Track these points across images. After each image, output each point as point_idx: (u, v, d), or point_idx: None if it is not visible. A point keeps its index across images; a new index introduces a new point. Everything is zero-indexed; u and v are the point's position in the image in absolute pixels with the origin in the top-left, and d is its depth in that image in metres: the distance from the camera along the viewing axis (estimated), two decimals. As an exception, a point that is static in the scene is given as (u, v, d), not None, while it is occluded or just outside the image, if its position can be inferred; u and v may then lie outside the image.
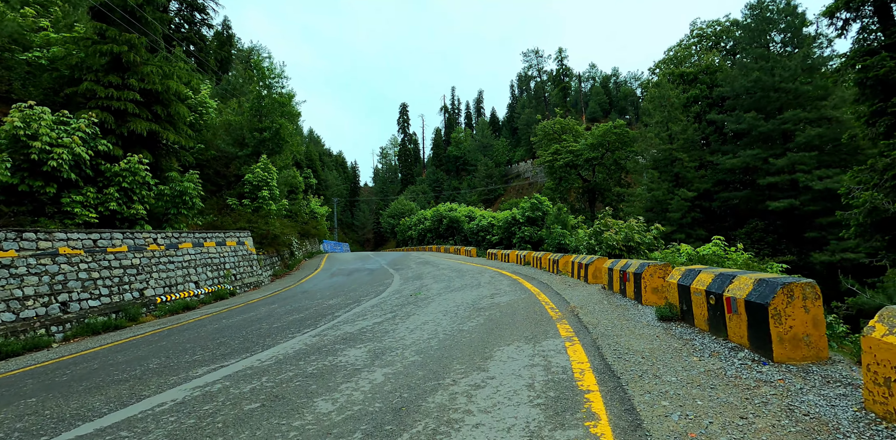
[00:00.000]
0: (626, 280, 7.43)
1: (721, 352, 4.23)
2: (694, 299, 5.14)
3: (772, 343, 3.85)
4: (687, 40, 42.10)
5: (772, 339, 3.85)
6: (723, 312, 4.54)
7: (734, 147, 31.24)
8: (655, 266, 6.84)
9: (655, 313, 5.87)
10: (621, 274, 7.72)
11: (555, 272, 13.34)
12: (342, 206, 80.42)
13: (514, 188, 72.84)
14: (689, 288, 5.21)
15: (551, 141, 50.76)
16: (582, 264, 10.37)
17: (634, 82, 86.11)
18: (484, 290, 10.42)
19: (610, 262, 8.66)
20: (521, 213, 27.03)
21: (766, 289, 3.99)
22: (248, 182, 22.52)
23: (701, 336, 4.82)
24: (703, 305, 4.92)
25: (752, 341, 4.13)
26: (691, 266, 5.72)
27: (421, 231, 44.47)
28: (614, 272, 8.18)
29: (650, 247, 17.72)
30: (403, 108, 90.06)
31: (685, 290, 5.34)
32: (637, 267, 7.17)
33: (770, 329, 3.85)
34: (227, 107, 27.39)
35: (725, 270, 4.89)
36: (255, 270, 18.71)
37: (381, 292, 12.36)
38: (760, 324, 3.98)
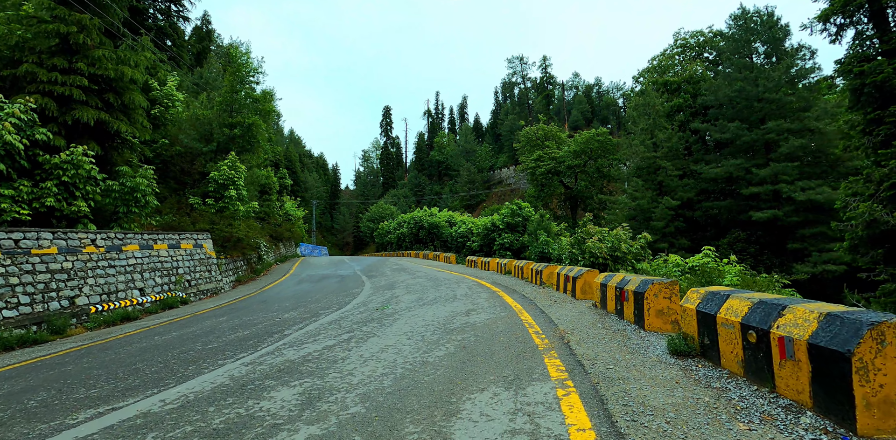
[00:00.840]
0: (625, 299, 6.24)
1: (775, 414, 3.02)
2: (722, 333, 3.95)
3: (855, 408, 2.67)
4: (671, 50, 41.87)
5: (855, 403, 2.67)
6: (768, 355, 3.37)
7: (717, 156, 30.78)
8: (660, 284, 5.66)
9: (667, 346, 4.67)
10: (618, 291, 6.53)
11: (538, 284, 12.15)
12: (321, 209, 78.43)
13: (497, 194, 71.98)
14: (716, 318, 4.03)
15: (534, 147, 50.02)
16: (569, 277, 9.19)
17: (617, 92, 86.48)
18: (459, 305, 9.15)
19: (602, 277, 7.48)
20: (500, 219, 25.90)
21: (841, 329, 2.82)
22: (213, 180, 20.89)
23: (735, 384, 3.62)
24: (736, 342, 3.74)
25: (817, 400, 2.95)
26: (713, 288, 4.54)
27: (400, 236, 43.04)
28: (608, 289, 6.99)
29: (637, 258, 16.73)
30: (387, 110, 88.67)
31: (708, 320, 4.16)
32: (638, 284, 5.98)
33: (853, 387, 2.67)
34: (196, 101, 25.69)
35: (767, 296, 3.72)
36: (214, 276, 17.11)
37: (346, 304, 10.98)
38: (834, 378, 2.81)
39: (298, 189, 72.34)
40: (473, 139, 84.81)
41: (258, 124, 23.56)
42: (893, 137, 13.23)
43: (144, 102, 16.19)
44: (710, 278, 11.82)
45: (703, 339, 4.30)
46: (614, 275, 7.06)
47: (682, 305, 4.65)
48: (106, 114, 14.49)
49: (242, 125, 23.30)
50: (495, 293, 10.66)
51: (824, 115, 27.24)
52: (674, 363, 4.28)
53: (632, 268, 16.13)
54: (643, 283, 5.86)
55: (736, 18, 32.28)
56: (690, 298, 4.61)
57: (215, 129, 22.83)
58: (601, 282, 7.33)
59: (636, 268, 16.02)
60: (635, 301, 5.92)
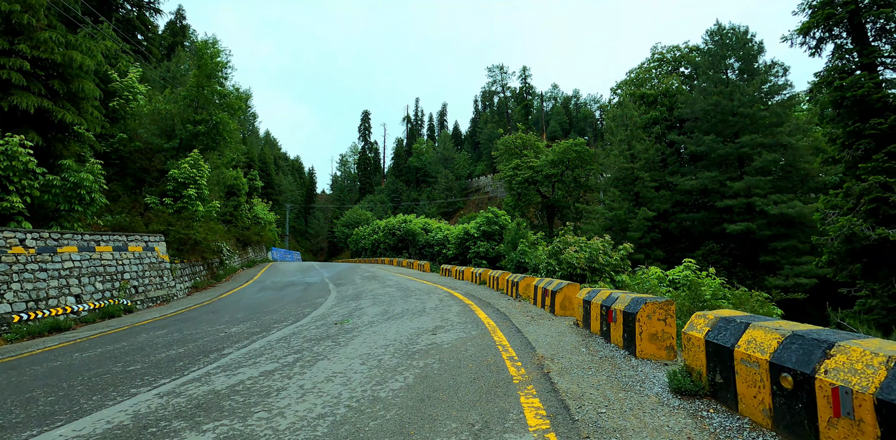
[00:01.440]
0: (612, 320, 5.43)
1: (833, 497, 2.22)
2: (741, 371, 3.16)
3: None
4: (648, 63, 42.20)
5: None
6: (811, 407, 2.57)
7: (692, 169, 30.79)
8: (654, 304, 4.87)
9: (667, 381, 3.86)
10: (604, 310, 5.73)
11: (513, 296, 11.32)
12: (296, 213, 76.44)
13: (474, 202, 71.41)
14: (733, 352, 3.23)
15: (512, 156, 49.65)
16: (547, 291, 8.37)
17: (594, 104, 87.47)
18: (427, 321, 8.22)
19: (585, 293, 6.68)
20: (476, 228, 25.12)
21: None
22: (173, 178, 19.51)
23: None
24: (762, 386, 2.95)
25: (889, 478, 2.17)
26: (724, 313, 3.76)
27: (374, 242, 41.85)
28: (592, 306, 6.19)
29: (616, 269, 16.12)
30: (365, 115, 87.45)
31: (722, 354, 3.36)
32: (628, 303, 5.18)
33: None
34: (160, 95, 24.23)
35: (800, 328, 2.94)
36: (166, 282, 15.75)
37: (304, 316, 9.93)
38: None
39: (272, 192, 70.28)
40: (452, 146, 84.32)
41: (225, 121, 22.26)
42: (873, 151, 12.99)
43: (97, 92, 14.88)
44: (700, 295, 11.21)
45: (713, 376, 3.50)
46: (599, 292, 6.26)
47: (687, 333, 3.85)
48: (49, 102, 13.20)
49: (208, 122, 21.97)
50: (468, 306, 9.77)
51: (796, 131, 27.52)
52: (679, 406, 3.46)
53: (610, 280, 15.50)
54: (634, 303, 5.06)
55: (712, 34, 32.60)
56: (696, 325, 3.81)
57: (178, 125, 21.44)
58: (584, 299, 6.52)
59: (615, 280, 15.40)
60: (625, 323, 5.12)
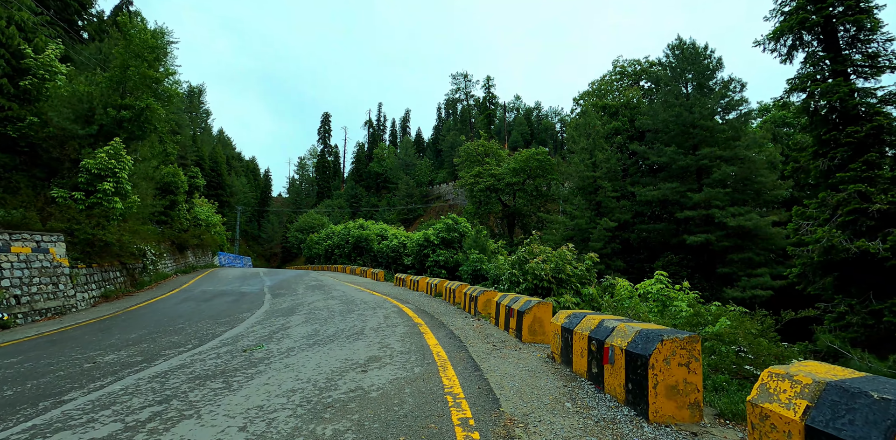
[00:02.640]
0: (608, 361, 3.82)
1: None
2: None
3: None
4: (610, 76, 42.25)
5: None
6: None
7: (653, 180, 30.42)
8: (674, 342, 3.30)
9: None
10: (594, 345, 4.12)
11: (472, 313, 9.64)
12: (248, 216, 72.30)
13: (435, 209, 69.82)
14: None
15: (474, 163, 48.54)
16: (513, 310, 6.72)
17: (555, 117, 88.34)
18: (361, 348, 6.38)
19: (564, 317, 5.06)
20: (434, 234, 23.43)
21: None
22: (86, 169, 16.80)
23: None
24: None
25: None
26: (820, 370, 2.19)
27: (328, 248, 39.35)
28: (576, 338, 4.57)
29: (582, 281, 14.79)
30: (326, 117, 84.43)
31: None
32: (632, 339, 3.58)
33: None
34: (82, 76, 21.29)
35: None
36: (63, 290, 13.11)
37: (211, 338, 7.87)
38: None
39: (222, 193, 66.09)
40: (414, 153, 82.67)
41: (154, 108, 19.61)
42: (850, 160, 12.26)
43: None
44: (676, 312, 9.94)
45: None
46: (584, 317, 4.65)
47: (758, 404, 2.25)
48: None
49: (134, 107, 19.28)
50: (416, 327, 7.99)
51: (753, 145, 27.60)
52: None
53: (576, 293, 14.16)
54: (644, 339, 3.46)
55: (673, 49, 32.64)
56: (775, 388, 2.23)
57: (98, 109, 18.67)
58: (563, 326, 4.89)
59: (581, 292, 14.07)
60: (629, 367, 3.51)
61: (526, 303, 6.46)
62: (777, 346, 6.18)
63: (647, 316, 7.35)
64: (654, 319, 7.23)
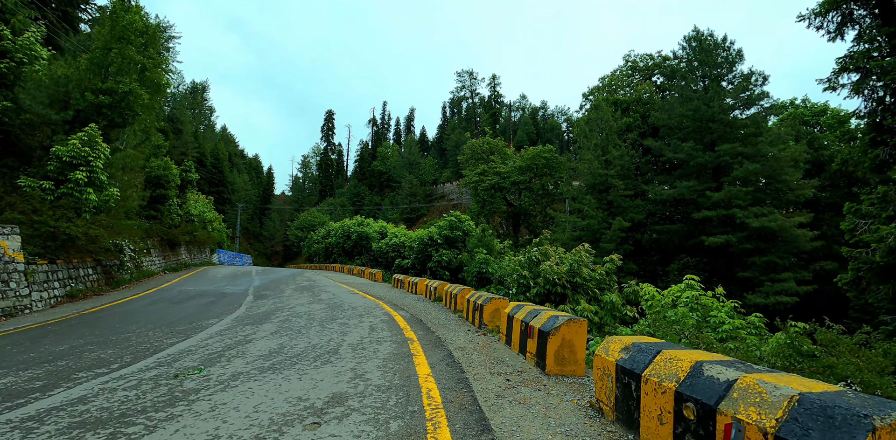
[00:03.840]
0: (732, 437, 2.07)
1: None
2: None
3: None
4: (621, 71, 40.41)
5: None
6: None
7: (669, 178, 28.58)
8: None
9: None
10: (696, 412, 2.38)
11: (476, 325, 7.90)
12: (250, 214, 70.85)
13: (438, 209, 68.11)
14: None
15: (479, 161, 46.81)
16: (532, 329, 4.97)
17: (561, 116, 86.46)
18: (327, 379, 4.67)
19: (621, 349, 3.29)
20: (437, 232, 21.70)
21: None
22: (56, 157, 15.24)
23: None
24: None
25: None
26: None
27: (328, 246, 37.67)
28: (649, 388, 2.82)
29: (601, 286, 13.06)
30: (329, 115, 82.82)
31: None
32: (787, 410, 1.84)
33: None
34: (62, 60, 19.76)
35: None
36: (15, 289, 11.48)
37: (149, 355, 6.20)
38: None
39: (223, 190, 64.72)
40: (418, 152, 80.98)
41: (138, 94, 18.02)
42: (919, 149, 10.43)
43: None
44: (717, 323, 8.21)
45: None
46: (657, 352, 2.92)
47: None
48: None
49: (115, 92, 17.69)
50: (406, 344, 6.28)
51: (777, 141, 25.71)
52: None
53: (592, 299, 12.42)
54: (823, 420, 1.73)
55: (690, 40, 30.76)
56: None
57: (74, 93, 17.11)
58: (620, 365, 3.14)
59: (599, 299, 12.33)
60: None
61: (550, 320, 4.71)
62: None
63: (709, 337, 5.59)
64: (718, 346, 5.45)
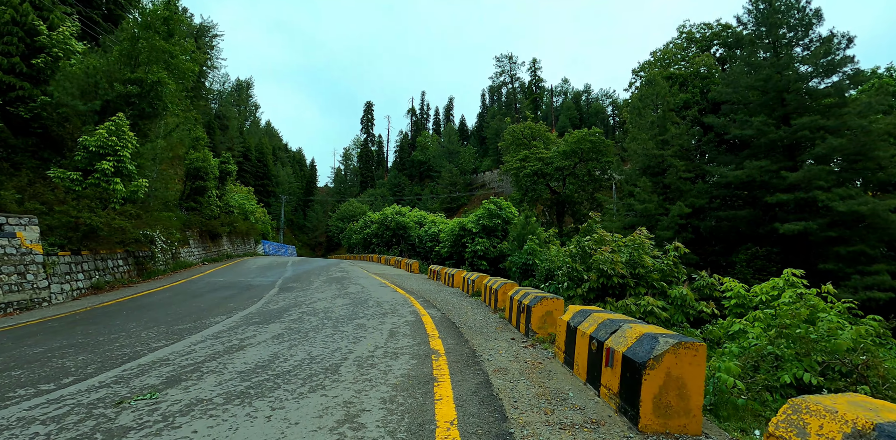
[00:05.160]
0: None
1: None
2: None
3: None
4: (674, 43, 36.82)
5: None
6: None
7: (735, 158, 25.40)
8: None
9: None
10: None
11: (522, 330, 6.23)
12: (293, 206, 71.69)
13: (479, 198, 66.24)
14: None
15: (520, 146, 44.47)
16: (612, 352, 3.25)
17: (606, 100, 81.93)
18: (309, 416, 3.18)
19: (834, 422, 1.58)
20: (474, 221, 20.00)
21: None
22: (83, 147, 14.70)
23: None
24: None
25: None
26: None
27: (366, 236, 36.86)
28: None
29: (667, 278, 10.97)
30: (368, 106, 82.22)
31: None
32: None
33: None
34: (95, 53, 19.41)
35: None
36: (32, 281, 10.87)
37: (117, 365, 5.00)
38: None
39: (268, 183, 65.70)
40: (458, 141, 79.09)
41: (165, 81, 17.31)
42: None
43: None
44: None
45: None
46: None
47: None
48: None
49: (143, 82, 17.05)
50: (429, 360, 4.73)
51: (867, 111, 22.08)
52: None
53: (659, 293, 10.40)
54: None
55: (756, 2, 27.14)
56: None
57: (102, 83, 16.57)
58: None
59: (666, 293, 10.28)
60: None
61: (645, 342, 2.97)
62: None
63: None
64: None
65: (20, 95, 15.96)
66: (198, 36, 62.45)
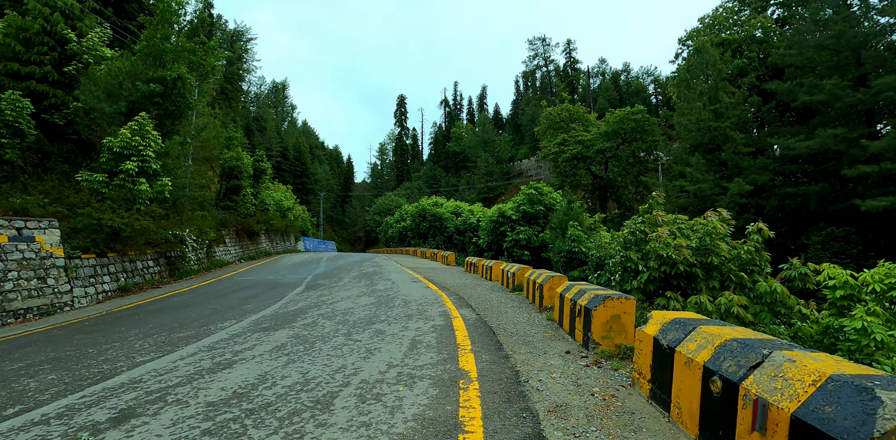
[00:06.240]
0: None
1: None
2: None
3: None
4: (724, 7, 33.43)
5: None
6: None
7: (803, 128, 22.49)
8: None
9: None
10: None
11: (579, 339, 4.84)
12: (332, 202, 72.17)
13: (516, 186, 64.23)
14: None
15: (557, 130, 42.15)
16: (775, 410, 1.89)
17: (647, 78, 77.29)
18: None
19: None
20: (513, 208, 18.50)
21: None
22: (108, 149, 14.30)
23: None
24: None
25: None
26: None
27: (402, 230, 36.00)
28: None
29: (746, 267, 9.09)
30: (401, 100, 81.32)
31: None
32: None
33: None
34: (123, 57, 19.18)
35: None
36: (53, 285, 10.42)
37: (81, 388, 3.99)
38: None
39: (307, 180, 66.27)
40: (492, 129, 76.94)
41: (185, 78, 16.74)
42: None
43: None
44: None
45: None
46: None
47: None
48: None
49: (165, 80, 16.55)
50: (455, 389, 3.46)
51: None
52: None
53: (738, 287, 8.64)
54: None
55: (823, -49, 23.80)
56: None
57: (126, 84, 16.18)
58: None
59: (747, 286, 8.50)
60: None
61: (844, 394, 1.57)
62: None
63: None
64: None
65: (54, 103, 15.86)
66: (233, 41, 63.38)
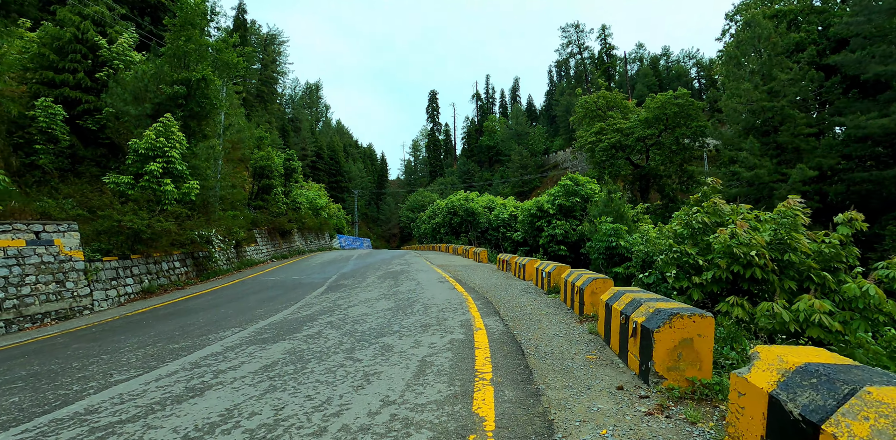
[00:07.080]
0: None
1: None
2: None
3: None
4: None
5: None
6: None
7: (874, 104, 19.93)
8: None
9: None
10: None
11: (634, 368, 3.76)
12: (367, 199, 72.40)
13: (551, 179, 62.17)
14: None
15: (594, 119, 40.05)
16: None
17: (689, 61, 72.99)
18: None
19: None
20: (549, 201, 17.22)
21: None
22: (133, 150, 14.12)
23: None
24: None
25: None
26: None
27: (435, 225, 35.20)
28: None
29: (829, 265, 7.55)
30: (433, 95, 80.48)
31: None
32: None
33: None
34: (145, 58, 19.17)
35: None
36: (73, 289, 10.18)
37: (31, 417, 3.26)
38: None
39: (341, 179, 66.71)
40: (526, 122, 74.87)
41: (209, 79, 16.40)
42: None
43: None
44: None
45: None
46: None
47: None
48: None
49: (188, 82, 16.27)
50: None
51: None
52: None
53: (818, 289, 7.17)
54: None
55: None
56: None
57: (151, 86, 16.03)
58: None
59: (834, 288, 7.02)
60: None
61: None
62: None
63: None
64: None
65: (87, 109, 15.96)
66: (266, 44, 64.33)
